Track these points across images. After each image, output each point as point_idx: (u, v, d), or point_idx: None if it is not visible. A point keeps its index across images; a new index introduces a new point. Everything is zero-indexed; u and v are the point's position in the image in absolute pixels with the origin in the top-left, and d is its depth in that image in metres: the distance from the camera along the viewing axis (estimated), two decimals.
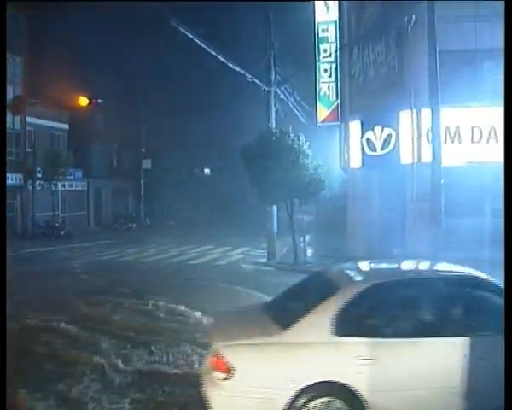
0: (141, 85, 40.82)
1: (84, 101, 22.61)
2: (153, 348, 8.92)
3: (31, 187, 33.66)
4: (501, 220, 5.05)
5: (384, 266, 7.39)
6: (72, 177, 37.11)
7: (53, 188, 34.06)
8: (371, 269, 6.97)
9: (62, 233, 32.79)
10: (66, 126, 38.19)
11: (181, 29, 16.81)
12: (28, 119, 33.54)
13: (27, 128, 34.42)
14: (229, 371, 5.38)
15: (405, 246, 17.63)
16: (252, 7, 22.68)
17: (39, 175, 33.69)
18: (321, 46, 21.78)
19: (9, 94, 31.14)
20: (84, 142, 39.23)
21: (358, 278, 6.33)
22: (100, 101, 24.90)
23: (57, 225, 34.23)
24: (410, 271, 6.97)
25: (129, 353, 8.74)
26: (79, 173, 39.04)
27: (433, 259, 9.02)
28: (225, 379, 5.40)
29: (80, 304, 12.51)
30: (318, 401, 5.39)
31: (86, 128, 37.93)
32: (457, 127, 16.80)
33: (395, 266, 7.39)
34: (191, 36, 17.50)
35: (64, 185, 36.64)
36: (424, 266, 7.26)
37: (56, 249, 25.84)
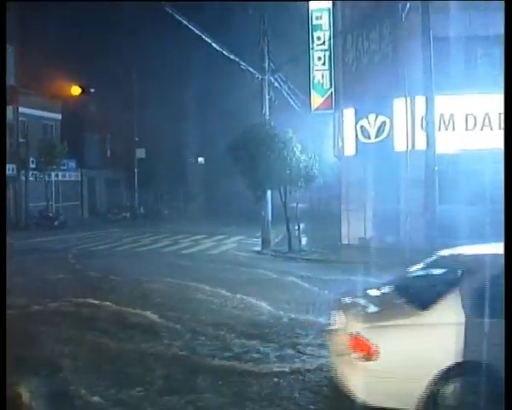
0: (134, 74, 40.70)
1: (76, 90, 22.46)
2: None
3: (24, 177, 33.52)
4: (495, 207, 5.09)
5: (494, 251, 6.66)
6: (65, 167, 36.96)
7: (46, 178, 33.93)
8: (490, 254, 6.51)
9: (56, 223, 32.71)
10: (58, 116, 37.97)
11: (175, 16, 16.73)
12: (21, 109, 33.33)
13: (20, 118, 34.22)
14: (373, 352, 5.47)
15: (399, 233, 17.73)
16: None
17: (33, 165, 33.53)
18: (315, 34, 21.73)
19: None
20: (77, 132, 39.03)
21: (486, 262, 6.17)
22: (92, 90, 24.74)
23: (51, 215, 34.15)
24: None
25: None
26: (73, 163, 38.89)
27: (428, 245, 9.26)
28: (369, 360, 5.49)
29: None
30: (458, 381, 5.50)
31: (79, 118, 37.77)
32: (451, 115, 16.86)
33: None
34: (185, 23, 17.43)
35: (57, 175, 36.51)
36: None
37: (51, 240, 25.77)
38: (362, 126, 18.76)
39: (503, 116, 5.29)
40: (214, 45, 19.20)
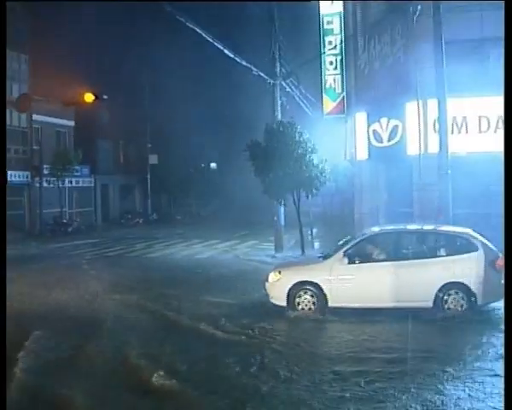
0: (147, 81, 40.92)
1: (89, 97, 22.60)
2: None
3: (38, 184, 33.76)
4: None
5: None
6: (79, 173, 37.18)
7: (60, 185, 34.14)
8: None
9: (70, 230, 32.92)
10: (71, 123, 38.23)
11: (187, 24, 16.79)
12: (34, 116, 33.61)
13: (34, 125, 34.51)
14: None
15: None
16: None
17: (46, 172, 33.76)
18: (326, 38, 21.71)
19: (15, 92, 31.26)
20: (91, 138, 39.28)
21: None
22: (105, 97, 24.87)
23: (65, 221, 34.37)
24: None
25: None
26: (86, 170, 39.11)
27: None
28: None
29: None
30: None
31: (92, 124, 38.01)
32: (464, 117, 16.71)
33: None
34: (198, 30, 17.49)
35: (71, 182, 36.73)
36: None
37: (65, 246, 25.94)
38: (374, 130, 18.67)
39: None
40: (226, 52, 19.24)
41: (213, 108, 44.98)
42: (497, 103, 15.93)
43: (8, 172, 31.29)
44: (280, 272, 11.45)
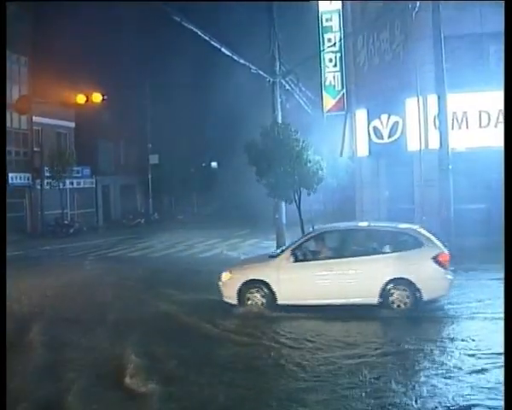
0: (146, 81, 40.92)
1: (97, 97, 22.79)
2: None
3: (39, 186, 33.79)
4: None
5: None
6: (80, 174, 37.22)
7: (61, 186, 34.15)
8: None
9: (72, 231, 32.93)
10: (72, 124, 38.27)
11: (185, 23, 16.79)
12: (35, 118, 33.62)
13: (34, 127, 34.53)
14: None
15: None
16: None
17: (47, 174, 33.79)
18: (325, 36, 21.73)
19: (16, 94, 31.27)
20: (91, 139, 39.29)
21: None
22: (105, 97, 24.92)
23: (66, 222, 34.38)
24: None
25: None
26: (87, 171, 39.14)
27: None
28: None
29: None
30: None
31: (92, 125, 37.97)
32: (464, 112, 16.73)
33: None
34: (196, 30, 17.48)
35: (72, 183, 36.75)
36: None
37: (67, 247, 25.98)
38: (374, 127, 18.70)
39: None
40: (223, 50, 19.22)
41: (214, 107, 44.88)
42: (498, 98, 15.92)
43: (9, 175, 31.37)
44: (231, 272, 11.75)
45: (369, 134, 18.97)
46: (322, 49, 21.68)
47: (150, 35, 38.42)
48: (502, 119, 16.28)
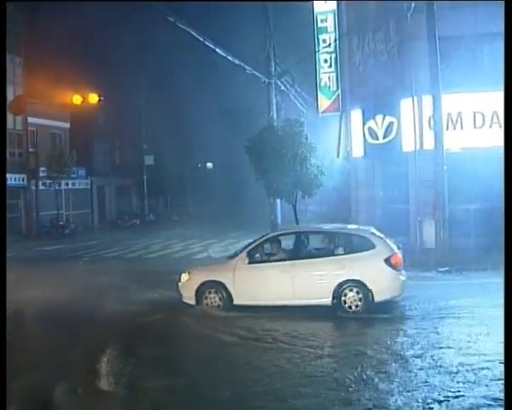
0: (141, 82, 40.87)
1: (94, 98, 22.76)
2: None
3: (34, 187, 33.70)
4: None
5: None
6: (75, 175, 37.12)
7: (56, 187, 34.08)
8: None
9: (67, 232, 32.87)
10: (67, 125, 38.19)
11: (179, 24, 16.78)
12: (30, 119, 33.55)
13: (29, 128, 34.44)
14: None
15: (409, 234, 17.67)
16: None
17: (43, 174, 33.69)
18: (320, 36, 21.72)
19: (10, 94, 31.18)
20: (86, 140, 39.24)
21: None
22: (101, 98, 24.90)
23: (61, 223, 34.29)
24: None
25: None
26: (82, 172, 39.08)
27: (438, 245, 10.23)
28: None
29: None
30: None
31: (87, 126, 37.96)
32: (459, 113, 16.76)
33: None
34: (190, 31, 17.47)
35: (67, 184, 36.66)
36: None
37: (62, 248, 25.93)
38: (369, 128, 18.71)
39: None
40: (219, 51, 19.21)
41: (209, 108, 44.94)
42: (492, 99, 16.02)
43: None
44: (190, 273, 11.94)
45: (364, 135, 18.98)
46: (317, 49, 21.68)
47: (146, 36, 38.41)
48: (496, 120, 16.34)
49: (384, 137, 18.23)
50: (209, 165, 54.90)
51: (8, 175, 31.75)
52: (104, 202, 43.00)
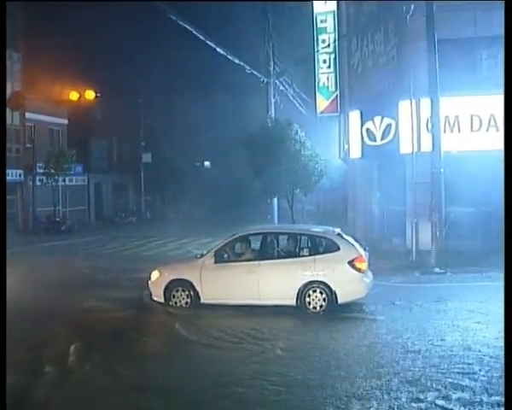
0: (140, 79, 40.81)
1: (90, 94, 22.74)
2: None
3: (31, 182, 33.64)
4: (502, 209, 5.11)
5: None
6: (72, 172, 37.02)
7: (53, 183, 34.02)
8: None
9: (63, 228, 32.80)
10: (65, 121, 38.10)
11: (180, 22, 16.79)
12: (27, 114, 33.47)
13: (26, 123, 34.37)
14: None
15: (405, 235, 17.71)
16: None
17: (40, 170, 33.64)
18: (319, 37, 21.77)
19: (8, 90, 31.11)
20: (84, 136, 39.14)
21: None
22: (98, 94, 24.86)
23: (58, 219, 34.21)
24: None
25: None
26: (79, 168, 38.96)
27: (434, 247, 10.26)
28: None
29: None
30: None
31: (85, 122, 37.85)
32: (457, 116, 16.81)
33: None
34: (190, 28, 17.49)
35: (64, 180, 36.51)
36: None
37: (58, 245, 25.89)
38: (367, 129, 18.75)
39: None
40: (218, 50, 19.23)
41: (208, 107, 44.87)
42: (489, 102, 16.06)
43: None
44: (159, 271, 12.05)
45: (361, 136, 19.01)
46: (316, 50, 21.70)
47: (144, 33, 38.35)
48: (493, 123, 16.39)
49: (382, 139, 18.27)
50: (207, 164, 54.81)
51: None
52: (101, 199, 42.90)
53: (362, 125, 18.96)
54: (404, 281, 14.50)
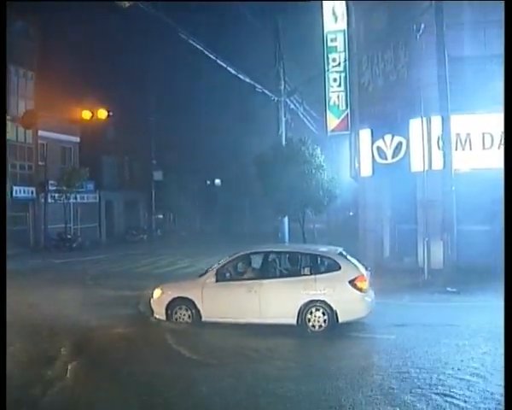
0: (151, 97, 41.17)
1: (102, 113, 22.91)
2: None
3: (43, 200, 33.85)
4: None
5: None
6: (83, 189, 37.29)
7: (65, 200, 34.23)
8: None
9: (74, 245, 32.97)
10: (77, 139, 38.45)
11: (191, 41, 16.90)
12: (40, 132, 33.80)
13: (39, 141, 34.69)
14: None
15: (417, 254, 17.58)
16: (260, 15, 22.74)
17: (52, 188, 33.86)
18: (330, 56, 21.82)
19: (21, 108, 31.46)
20: (96, 154, 39.46)
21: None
22: (111, 113, 25.02)
23: (69, 237, 34.41)
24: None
25: None
26: (91, 186, 39.23)
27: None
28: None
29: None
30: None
31: (97, 140, 38.17)
32: (468, 134, 16.74)
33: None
34: (201, 48, 17.59)
35: (76, 198, 36.78)
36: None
37: (69, 262, 25.96)
38: (378, 147, 18.71)
39: None
40: (230, 69, 19.31)
41: (219, 125, 45.08)
42: (501, 119, 15.95)
43: (14, 188, 31.50)
44: (162, 289, 12.20)
45: (372, 154, 18.98)
46: (326, 68, 21.76)
47: (156, 52, 38.74)
48: None
49: (393, 157, 18.22)
50: (217, 181, 55.01)
51: (17, 188, 32.05)
52: (112, 217, 43.09)
53: (372, 144, 18.93)
54: (415, 300, 14.36)
